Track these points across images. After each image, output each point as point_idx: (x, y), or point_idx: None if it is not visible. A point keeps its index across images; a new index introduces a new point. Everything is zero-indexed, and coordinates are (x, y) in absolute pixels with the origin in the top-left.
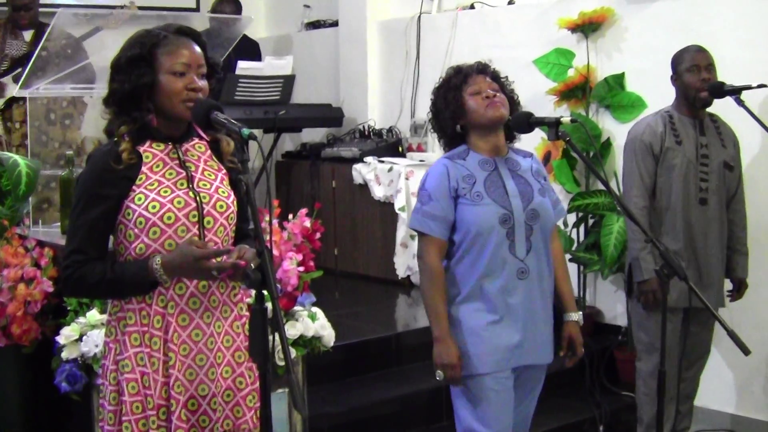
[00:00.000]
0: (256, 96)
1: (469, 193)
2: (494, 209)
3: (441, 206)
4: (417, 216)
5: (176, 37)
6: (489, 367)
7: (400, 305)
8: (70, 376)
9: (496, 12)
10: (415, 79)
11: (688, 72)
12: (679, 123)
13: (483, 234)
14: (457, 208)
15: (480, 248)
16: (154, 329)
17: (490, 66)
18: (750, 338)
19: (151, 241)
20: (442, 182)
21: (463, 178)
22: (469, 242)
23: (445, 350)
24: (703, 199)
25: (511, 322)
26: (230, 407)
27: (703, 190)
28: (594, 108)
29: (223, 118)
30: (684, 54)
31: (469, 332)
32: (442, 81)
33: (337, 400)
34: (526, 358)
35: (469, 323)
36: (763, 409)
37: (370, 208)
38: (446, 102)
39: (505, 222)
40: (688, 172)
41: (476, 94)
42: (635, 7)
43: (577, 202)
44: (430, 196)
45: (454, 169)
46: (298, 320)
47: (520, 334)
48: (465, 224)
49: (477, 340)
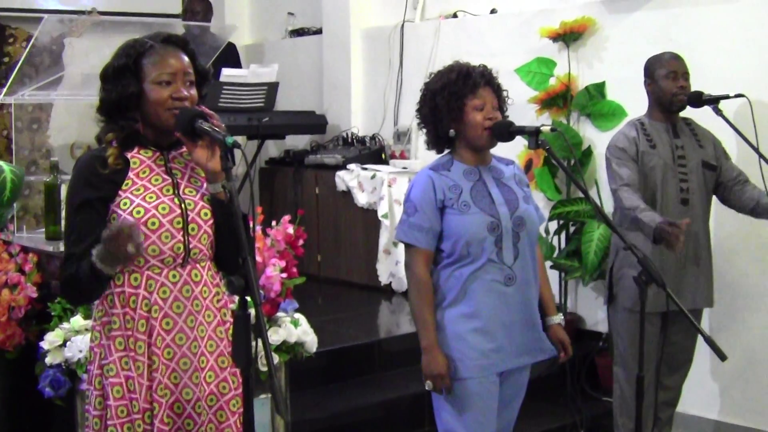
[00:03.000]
0: (239, 103)
1: (456, 203)
2: (482, 218)
3: (427, 217)
4: (403, 228)
5: (163, 47)
6: (474, 371)
7: (382, 311)
8: (54, 382)
9: (479, 21)
10: (398, 86)
11: (665, 78)
12: (651, 128)
13: (473, 243)
14: (443, 218)
15: (469, 256)
16: (139, 333)
17: (495, 76)
18: (730, 344)
19: None
20: (428, 193)
21: (449, 189)
22: (459, 251)
23: (433, 360)
24: (684, 200)
25: (497, 328)
26: (213, 412)
27: (684, 190)
28: (575, 116)
29: (206, 126)
30: (661, 60)
31: (455, 337)
32: (447, 79)
33: (319, 405)
34: (511, 362)
35: (454, 328)
36: (744, 414)
37: (353, 214)
38: (449, 106)
39: (494, 230)
40: (666, 174)
41: (479, 110)
42: (616, 17)
43: (558, 210)
44: (416, 207)
45: (439, 179)
46: (280, 326)
47: (506, 339)
48: (454, 234)
49: (462, 345)
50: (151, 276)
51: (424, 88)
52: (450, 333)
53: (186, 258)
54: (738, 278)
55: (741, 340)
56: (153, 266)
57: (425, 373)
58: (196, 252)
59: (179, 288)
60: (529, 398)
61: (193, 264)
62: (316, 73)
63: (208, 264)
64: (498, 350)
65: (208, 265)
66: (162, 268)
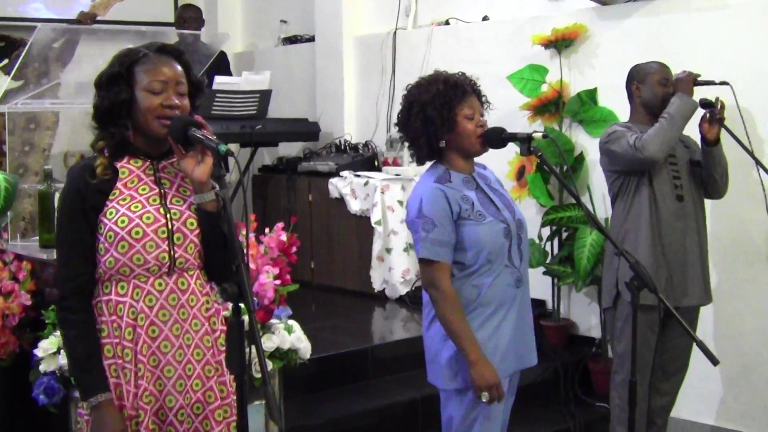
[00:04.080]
0: (232, 110)
1: (471, 213)
2: (497, 225)
3: (447, 231)
4: (426, 245)
5: (157, 56)
6: None
7: (376, 318)
8: (48, 389)
9: (471, 28)
10: (390, 93)
11: (659, 84)
12: (638, 131)
13: (494, 251)
14: (460, 229)
15: (490, 264)
16: (126, 341)
17: (477, 83)
18: (724, 349)
19: (120, 255)
20: (444, 207)
21: (462, 200)
22: (481, 261)
23: (485, 371)
24: (679, 196)
25: (506, 330)
26: (199, 420)
27: (678, 187)
28: (567, 123)
29: (199, 134)
30: (652, 66)
31: None
32: (435, 90)
33: (313, 412)
34: (519, 363)
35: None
36: (739, 419)
37: (347, 221)
38: (441, 117)
39: (507, 235)
40: (660, 171)
41: (470, 119)
42: (607, 24)
43: (551, 216)
44: (434, 222)
45: (450, 192)
46: (274, 333)
47: (512, 341)
48: (475, 244)
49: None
50: (138, 284)
51: (409, 101)
52: None
53: (172, 267)
54: (732, 282)
55: (735, 345)
56: (139, 275)
57: (479, 385)
58: (182, 261)
59: (165, 296)
60: (523, 404)
61: (180, 273)
62: (308, 81)
63: (197, 273)
64: (506, 353)
65: (196, 274)
66: (148, 276)
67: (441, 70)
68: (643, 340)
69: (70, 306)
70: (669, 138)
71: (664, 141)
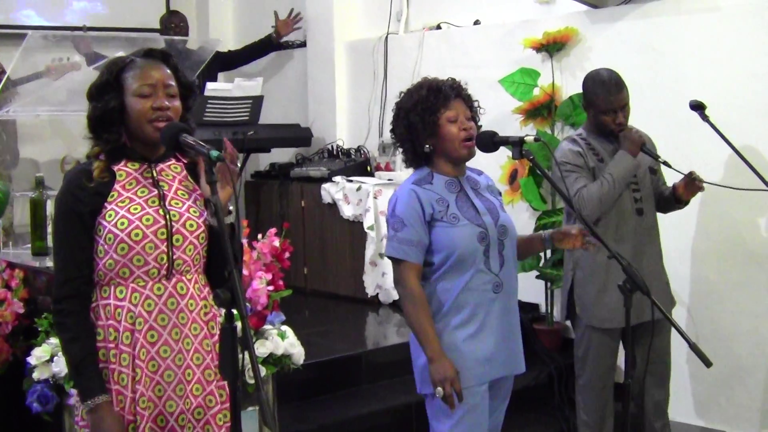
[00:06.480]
0: (224, 117)
1: (445, 215)
2: (472, 229)
3: (416, 231)
4: (393, 243)
5: (144, 60)
6: (467, 381)
7: (369, 323)
8: (42, 397)
9: (462, 32)
10: (382, 98)
11: (604, 115)
12: (595, 142)
13: (465, 254)
14: (432, 231)
15: (461, 267)
16: (124, 345)
17: (465, 88)
18: (715, 350)
19: (120, 257)
20: (414, 207)
21: (437, 202)
22: (452, 263)
23: (441, 366)
24: (639, 209)
25: (487, 335)
26: (201, 425)
27: (637, 200)
28: (559, 126)
29: (191, 140)
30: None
31: (450, 348)
32: (418, 95)
33: (307, 417)
34: (501, 370)
35: (447, 339)
36: (731, 421)
37: (339, 227)
38: (423, 122)
39: (483, 240)
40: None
41: (453, 122)
42: (599, 27)
43: (543, 221)
44: (403, 222)
45: (423, 193)
46: (267, 339)
47: (496, 347)
48: (446, 247)
49: (456, 355)
50: (136, 289)
51: (397, 108)
52: (445, 344)
53: (170, 269)
54: (724, 284)
55: (728, 346)
56: (138, 279)
57: (434, 379)
58: (180, 263)
59: (164, 301)
60: (517, 408)
61: (179, 277)
62: (300, 87)
63: (195, 277)
64: (489, 358)
65: (195, 278)
66: (147, 280)
67: (429, 77)
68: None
69: (65, 309)
70: (608, 201)
71: (603, 203)
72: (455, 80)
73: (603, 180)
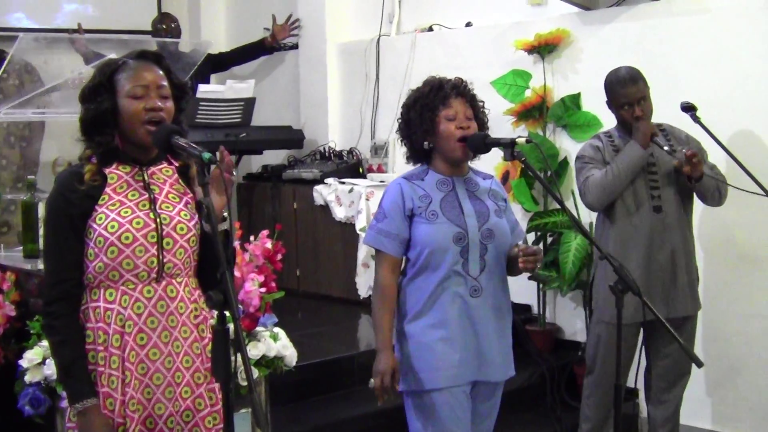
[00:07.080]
0: (216, 119)
1: (424, 212)
2: (449, 228)
3: (395, 224)
4: (372, 232)
5: (136, 62)
6: (442, 382)
7: (362, 325)
8: (34, 400)
9: (454, 34)
10: (374, 100)
11: (623, 109)
12: (618, 140)
13: (437, 252)
14: (412, 226)
15: (434, 266)
16: (113, 348)
17: (469, 88)
18: (709, 351)
19: (110, 260)
20: (397, 201)
21: (420, 198)
22: (424, 260)
23: (383, 359)
24: (657, 207)
25: (463, 338)
26: (189, 428)
27: (655, 197)
28: (551, 128)
29: (183, 142)
30: (618, 89)
31: (422, 348)
32: (419, 93)
33: (299, 419)
34: (480, 374)
35: (421, 339)
36: (730, 422)
37: (332, 229)
38: (421, 119)
39: (460, 240)
40: (636, 180)
41: (451, 120)
42: (590, 29)
43: (535, 222)
44: (385, 213)
45: (409, 188)
46: (260, 340)
47: (473, 350)
48: (420, 242)
49: (429, 355)
50: (126, 291)
51: (403, 104)
52: (417, 344)
53: (160, 273)
54: (721, 285)
55: (721, 347)
56: (128, 281)
57: (373, 370)
58: (170, 266)
59: (154, 303)
60: (509, 409)
61: (169, 279)
62: (292, 88)
63: (186, 280)
64: (465, 360)
65: (185, 281)
66: (137, 283)
67: (438, 76)
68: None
69: (55, 312)
70: (611, 191)
71: (605, 193)
72: (461, 80)
73: (608, 169)
